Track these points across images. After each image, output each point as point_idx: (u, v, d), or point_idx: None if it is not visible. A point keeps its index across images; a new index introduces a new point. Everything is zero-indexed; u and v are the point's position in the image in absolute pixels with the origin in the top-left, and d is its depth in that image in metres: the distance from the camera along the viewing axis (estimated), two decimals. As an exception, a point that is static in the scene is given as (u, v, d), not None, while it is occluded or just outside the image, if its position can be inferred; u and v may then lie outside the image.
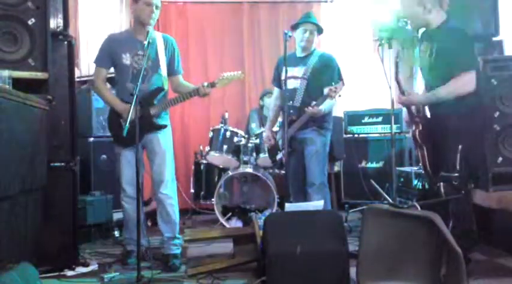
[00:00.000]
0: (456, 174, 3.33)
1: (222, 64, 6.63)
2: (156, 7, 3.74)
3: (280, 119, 4.77)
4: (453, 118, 3.39)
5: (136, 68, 3.72)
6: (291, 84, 4.34)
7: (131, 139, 3.42)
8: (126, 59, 3.78)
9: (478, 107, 3.50)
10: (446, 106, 3.41)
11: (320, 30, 4.45)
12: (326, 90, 4.10)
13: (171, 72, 3.94)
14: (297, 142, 4.30)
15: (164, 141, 3.86)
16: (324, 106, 4.16)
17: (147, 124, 3.72)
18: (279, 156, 4.58)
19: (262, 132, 5.08)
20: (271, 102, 4.86)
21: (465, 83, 3.34)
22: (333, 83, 4.10)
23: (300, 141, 4.33)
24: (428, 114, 3.62)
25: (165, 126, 3.85)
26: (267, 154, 4.90)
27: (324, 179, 4.37)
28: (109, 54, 3.83)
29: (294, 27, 4.39)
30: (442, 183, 3.46)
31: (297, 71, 4.34)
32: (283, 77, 4.44)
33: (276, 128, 4.77)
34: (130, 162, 3.76)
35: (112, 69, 3.92)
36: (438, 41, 3.43)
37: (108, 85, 4.01)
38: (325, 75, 4.27)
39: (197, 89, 3.76)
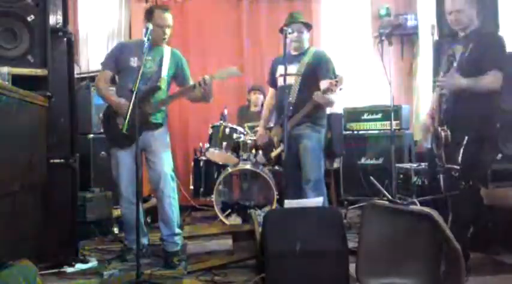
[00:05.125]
0: (457, 167, 3.34)
1: (221, 60, 6.58)
2: (168, 26, 3.84)
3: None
4: (468, 114, 3.43)
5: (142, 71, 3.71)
6: (287, 80, 4.31)
7: (128, 138, 3.50)
8: (134, 62, 3.81)
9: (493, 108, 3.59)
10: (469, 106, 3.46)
11: (308, 26, 4.44)
12: (326, 84, 4.08)
13: (181, 83, 4.02)
14: (291, 139, 4.25)
15: (160, 139, 3.87)
16: (329, 98, 4.13)
17: (142, 121, 3.73)
18: (274, 153, 4.57)
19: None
20: (266, 101, 4.84)
21: (497, 80, 3.42)
22: (332, 77, 4.08)
23: (295, 138, 4.30)
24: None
25: (160, 125, 3.86)
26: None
27: (319, 175, 4.35)
28: (116, 58, 3.89)
29: (281, 31, 4.33)
30: (441, 175, 3.48)
31: (292, 68, 4.31)
32: (277, 75, 4.44)
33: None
34: (127, 165, 3.79)
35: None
36: (476, 41, 3.46)
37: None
38: (319, 71, 4.25)
39: (194, 84, 3.80)
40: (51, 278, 3.47)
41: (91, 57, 6.43)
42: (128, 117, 3.34)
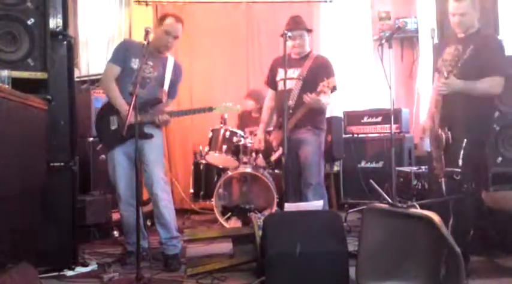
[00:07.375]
0: (458, 169, 3.34)
1: (221, 64, 6.61)
2: (174, 37, 3.89)
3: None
4: (466, 116, 3.43)
5: (141, 75, 3.64)
6: (287, 84, 4.31)
7: (116, 138, 3.65)
8: (135, 64, 3.82)
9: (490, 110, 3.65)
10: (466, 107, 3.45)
11: (309, 30, 4.47)
12: (319, 87, 4.08)
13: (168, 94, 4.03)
14: (291, 143, 4.23)
15: (153, 142, 3.88)
16: (322, 99, 4.13)
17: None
18: (274, 157, 4.57)
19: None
20: (265, 104, 4.82)
21: (497, 85, 3.43)
22: (325, 79, 4.08)
23: (295, 142, 4.30)
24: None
25: (151, 136, 3.84)
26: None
27: (320, 179, 4.36)
28: (123, 53, 3.89)
29: (282, 36, 4.31)
30: (443, 179, 3.47)
31: (292, 72, 4.32)
32: (278, 78, 4.44)
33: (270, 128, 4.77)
34: (124, 167, 3.83)
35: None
36: (476, 43, 3.43)
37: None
38: (320, 76, 4.25)
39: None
40: (51, 281, 3.47)
41: (91, 60, 6.44)
42: (127, 120, 3.35)
